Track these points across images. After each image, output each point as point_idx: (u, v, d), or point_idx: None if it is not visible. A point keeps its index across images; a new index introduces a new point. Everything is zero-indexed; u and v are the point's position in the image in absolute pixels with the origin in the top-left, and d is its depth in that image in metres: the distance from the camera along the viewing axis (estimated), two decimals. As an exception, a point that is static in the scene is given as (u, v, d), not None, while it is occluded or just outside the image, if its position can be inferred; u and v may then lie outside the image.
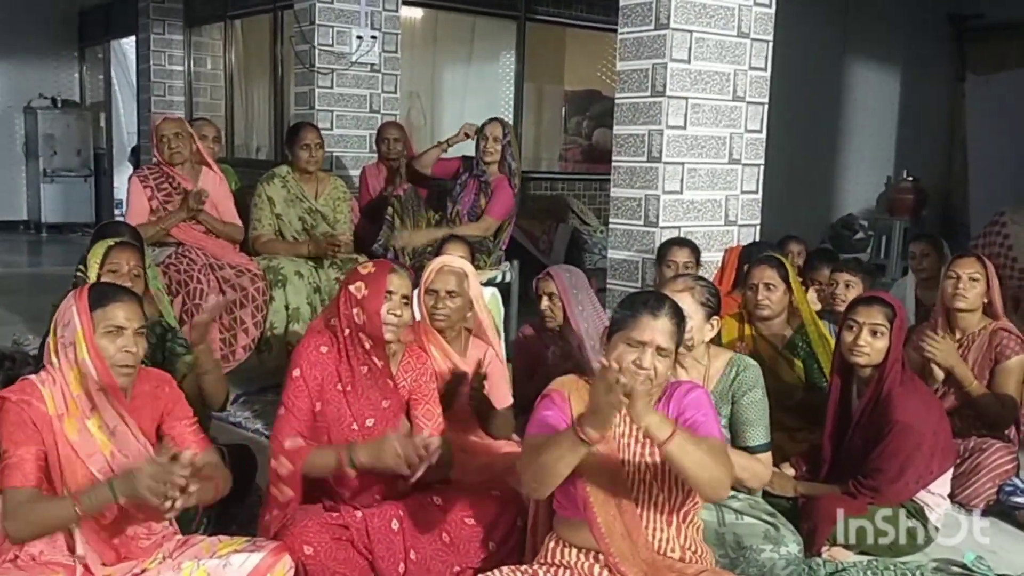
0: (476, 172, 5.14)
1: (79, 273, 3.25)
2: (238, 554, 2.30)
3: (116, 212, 11.13)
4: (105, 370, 2.24)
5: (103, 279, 3.03)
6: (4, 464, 2.15)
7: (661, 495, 2.27)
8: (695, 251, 4.00)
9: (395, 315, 2.64)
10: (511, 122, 8.61)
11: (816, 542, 2.89)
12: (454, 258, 3.31)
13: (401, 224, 4.94)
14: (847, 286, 3.91)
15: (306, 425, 2.63)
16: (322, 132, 5.19)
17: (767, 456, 2.89)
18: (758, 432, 2.86)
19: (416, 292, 3.04)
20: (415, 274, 3.42)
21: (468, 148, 5.42)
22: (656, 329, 2.23)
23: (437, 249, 4.05)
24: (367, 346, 2.66)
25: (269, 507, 2.62)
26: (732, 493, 2.85)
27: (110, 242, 3.21)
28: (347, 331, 2.66)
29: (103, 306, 2.27)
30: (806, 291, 3.93)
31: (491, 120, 5.22)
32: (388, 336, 2.65)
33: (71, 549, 2.23)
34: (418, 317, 3.09)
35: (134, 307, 2.32)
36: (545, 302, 3.54)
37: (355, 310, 2.64)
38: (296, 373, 2.65)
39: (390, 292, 2.65)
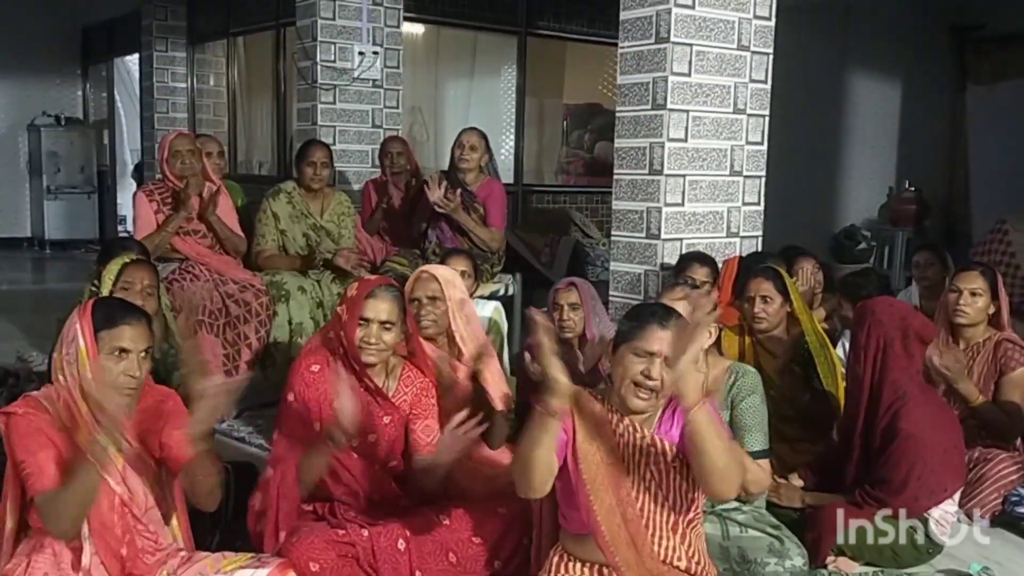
0: (454, 186, 4.97)
1: (93, 288, 3.26)
2: (243, 570, 2.30)
3: (120, 229, 11.16)
4: (104, 390, 2.24)
5: (116, 296, 3.03)
6: (27, 474, 2.16)
7: (666, 503, 2.28)
8: (714, 268, 4.00)
9: (368, 343, 2.63)
10: (513, 136, 8.68)
11: (821, 552, 2.89)
12: (435, 265, 3.30)
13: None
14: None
15: (304, 447, 2.62)
16: (325, 148, 5.19)
17: (766, 463, 2.89)
18: (756, 438, 2.86)
19: None
20: None
21: (443, 161, 5.34)
22: (664, 340, 2.23)
23: (440, 262, 4.04)
24: (356, 367, 2.67)
25: (258, 513, 2.62)
26: (735, 505, 2.85)
27: (126, 259, 3.21)
28: (341, 350, 2.67)
29: (110, 327, 2.26)
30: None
31: (467, 129, 5.14)
32: (367, 360, 2.65)
33: (76, 569, 2.24)
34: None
35: (141, 329, 2.30)
36: (567, 312, 3.42)
37: (341, 332, 2.65)
38: (291, 397, 2.67)
39: (366, 320, 2.64)
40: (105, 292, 3.07)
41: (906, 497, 2.93)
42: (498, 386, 3.12)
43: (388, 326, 2.66)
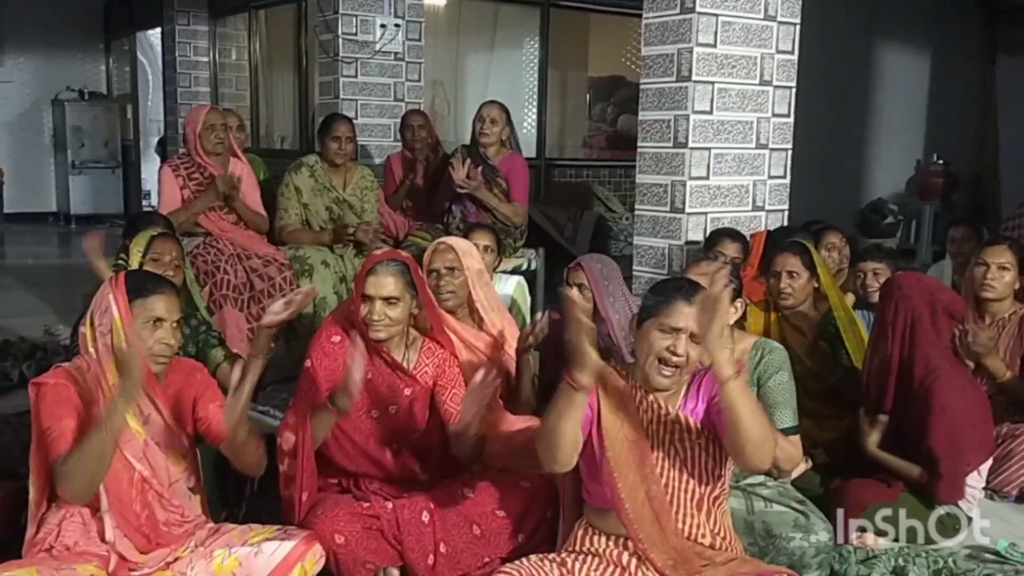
0: (476, 161, 4.91)
1: (119, 262, 3.29)
2: (269, 542, 2.33)
3: (144, 203, 11.23)
4: (141, 353, 2.26)
5: (145, 268, 3.07)
6: (50, 439, 2.19)
7: (691, 480, 2.27)
8: (745, 244, 3.96)
9: (373, 319, 2.64)
10: (535, 109, 8.63)
11: (846, 528, 2.87)
12: (452, 237, 3.30)
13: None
14: (875, 274, 3.86)
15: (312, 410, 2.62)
16: (347, 123, 5.17)
17: (796, 439, 2.87)
18: (786, 414, 2.84)
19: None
20: None
21: (464, 135, 5.32)
22: (691, 315, 2.21)
23: (464, 236, 4.03)
24: (372, 341, 2.67)
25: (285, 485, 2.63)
26: (761, 479, 2.84)
27: (153, 231, 3.26)
28: (362, 324, 2.68)
29: (144, 297, 2.30)
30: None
31: (487, 102, 5.10)
32: (375, 336, 2.66)
33: (104, 539, 2.26)
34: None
35: (173, 299, 2.36)
36: (575, 292, 3.46)
37: (354, 308, 2.67)
38: (307, 364, 2.69)
39: (368, 296, 2.65)
40: (134, 264, 3.10)
41: (946, 483, 2.89)
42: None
43: (392, 301, 2.66)
